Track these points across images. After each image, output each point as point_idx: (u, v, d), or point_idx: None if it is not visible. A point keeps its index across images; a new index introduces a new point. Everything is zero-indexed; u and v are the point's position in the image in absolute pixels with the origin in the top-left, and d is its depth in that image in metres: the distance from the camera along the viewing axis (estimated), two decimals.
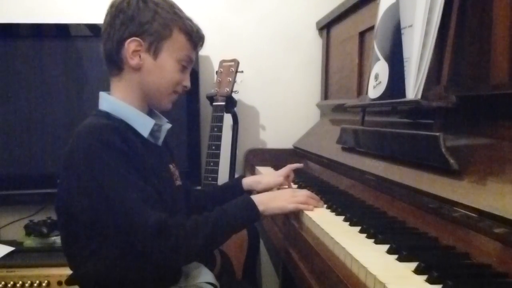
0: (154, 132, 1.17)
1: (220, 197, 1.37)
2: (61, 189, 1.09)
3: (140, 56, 1.10)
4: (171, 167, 1.23)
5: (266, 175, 1.44)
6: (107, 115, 1.11)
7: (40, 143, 2.00)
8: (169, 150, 1.28)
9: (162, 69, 1.12)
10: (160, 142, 1.20)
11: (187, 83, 1.18)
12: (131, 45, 1.09)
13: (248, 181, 1.40)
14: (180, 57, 1.14)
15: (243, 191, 1.39)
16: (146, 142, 1.13)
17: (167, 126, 1.22)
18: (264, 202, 1.12)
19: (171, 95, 1.17)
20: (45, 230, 1.96)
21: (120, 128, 1.06)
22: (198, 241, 1.01)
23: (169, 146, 1.29)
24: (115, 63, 1.12)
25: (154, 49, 1.11)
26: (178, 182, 1.24)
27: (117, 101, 1.13)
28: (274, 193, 1.24)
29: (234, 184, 1.42)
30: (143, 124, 1.13)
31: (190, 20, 1.16)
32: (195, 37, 1.16)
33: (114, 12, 1.11)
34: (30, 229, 1.98)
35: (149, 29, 1.10)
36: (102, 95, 1.15)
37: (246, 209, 1.10)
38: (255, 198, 1.12)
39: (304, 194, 1.20)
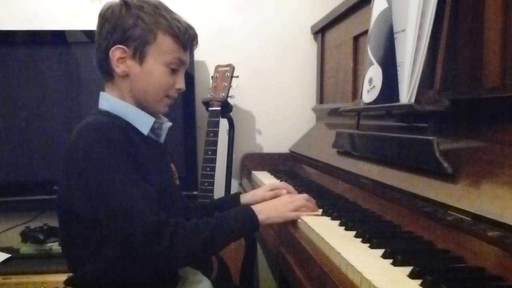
0: (155, 129, 1.18)
1: (217, 209, 1.35)
2: (61, 187, 1.09)
3: (126, 63, 1.11)
4: (172, 166, 1.23)
5: (260, 189, 1.41)
6: (107, 114, 1.12)
7: (36, 150, 2.00)
8: (168, 150, 1.29)
9: (150, 74, 1.11)
10: (162, 139, 1.21)
11: (180, 85, 1.16)
12: (115, 53, 1.10)
13: (245, 197, 1.36)
14: (168, 60, 1.12)
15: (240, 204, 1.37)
16: (147, 139, 1.14)
17: (167, 124, 1.22)
18: (264, 211, 1.12)
19: (164, 100, 1.16)
20: (41, 236, 1.95)
21: (122, 125, 1.07)
22: (197, 243, 1.01)
23: (168, 147, 1.30)
24: (106, 71, 1.13)
25: (139, 55, 1.10)
26: (177, 182, 1.25)
27: (116, 100, 1.14)
28: (273, 201, 1.22)
29: (232, 198, 1.41)
30: (143, 122, 1.14)
31: (178, 21, 1.13)
32: (182, 38, 1.13)
33: (100, 21, 1.12)
34: (27, 236, 1.97)
35: (132, 36, 1.09)
36: (102, 94, 1.16)
37: (245, 218, 1.09)
38: (255, 207, 1.12)
39: (301, 198, 1.19)
